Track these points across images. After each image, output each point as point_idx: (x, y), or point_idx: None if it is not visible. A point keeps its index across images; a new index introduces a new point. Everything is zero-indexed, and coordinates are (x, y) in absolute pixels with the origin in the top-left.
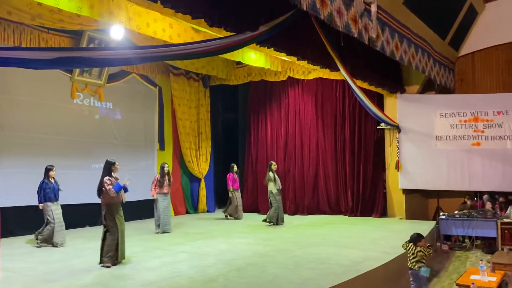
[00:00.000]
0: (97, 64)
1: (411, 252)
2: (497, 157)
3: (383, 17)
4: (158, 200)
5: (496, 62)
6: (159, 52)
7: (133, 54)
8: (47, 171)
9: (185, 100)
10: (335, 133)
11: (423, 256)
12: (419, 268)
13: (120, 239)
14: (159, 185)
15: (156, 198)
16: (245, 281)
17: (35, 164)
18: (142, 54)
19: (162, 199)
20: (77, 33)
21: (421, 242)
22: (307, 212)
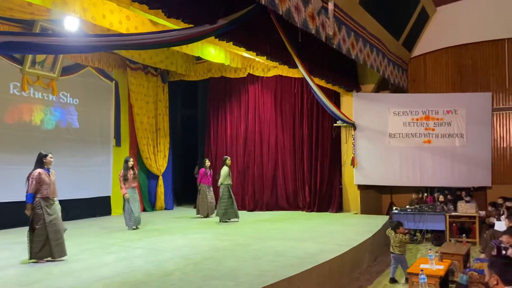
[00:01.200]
0: (48, 51)
1: (392, 238)
2: (446, 154)
3: (339, 15)
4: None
5: (446, 63)
6: (114, 41)
7: (87, 42)
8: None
9: (143, 95)
10: (293, 130)
11: (402, 242)
12: (399, 252)
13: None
14: (124, 179)
15: (127, 195)
16: (202, 274)
17: None
18: (96, 42)
19: (131, 193)
20: (28, 23)
21: (400, 229)
22: (266, 208)
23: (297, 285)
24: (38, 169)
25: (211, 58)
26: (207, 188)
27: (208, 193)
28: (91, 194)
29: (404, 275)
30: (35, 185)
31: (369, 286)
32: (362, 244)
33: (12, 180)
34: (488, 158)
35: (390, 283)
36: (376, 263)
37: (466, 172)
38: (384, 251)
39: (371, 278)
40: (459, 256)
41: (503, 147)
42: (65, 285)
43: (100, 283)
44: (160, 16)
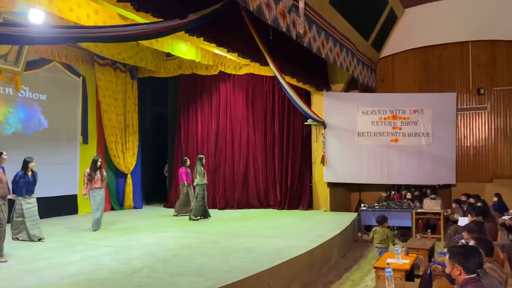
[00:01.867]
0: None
1: (377, 233)
2: (413, 152)
3: (310, 14)
4: (90, 196)
5: (413, 64)
6: (81, 33)
7: (54, 33)
8: (27, 163)
9: (111, 92)
10: (265, 128)
11: (385, 235)
12: (384, 245)
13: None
14: (89, 179)
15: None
16: (170, 271)
17: None
18: (63, 34)
19: (95, 194)
20: None
21: (385, 224)
22: (237, 206)
23: (266, 280)
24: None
25: (182, 55)
26: (188, 187)
27: (190, 192)
28: (56, 192)
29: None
30: None
31: (337, 282)
32: (330, 240)
33: None
34: (453, 156)
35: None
36: (345, 259)
37: (431, 170)
38: (353, 247)
39: (340, 273)
40: (424, 251)
41: (466, 146)
42: (28, 284)
43: (65, 281)
44: (129, 10)
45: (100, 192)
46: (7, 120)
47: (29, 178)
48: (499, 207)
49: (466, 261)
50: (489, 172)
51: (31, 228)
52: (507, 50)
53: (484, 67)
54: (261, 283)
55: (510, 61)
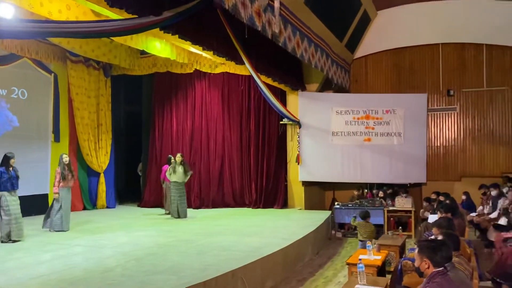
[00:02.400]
0: None
1: (360, 226)
2: (385, 152)
3: (285, 14)
4: (61, 195)
5: (386, 65)
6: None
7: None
8: (8, 159)
9: (84, 89)
10: (240, 127)
11: (368, 228)
12: (367, 238)
13: None
14: (62, 178)
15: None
16: (145, 269)
17: None
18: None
19: (66, 194)
20: None
21: (368, 218)
22: (212, 205)
23: (240, 278)
24: None
25: (157, 52)
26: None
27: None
28: (27, 191)
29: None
30: None
31: (311, 278)
32: (304, 237)
33: None
34: (424, 156)
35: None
36: (319, 256)
37: (403, 169)
38: (327, 244)
39: (313, 270)
40: (395, 247)
41: (437, 145)
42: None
43: (35, 281)
44: (102, 5)
45: (70, 191)
46: None
47: (12, 173)
48: (467, 205)
49: (434, 255)
50: (458, 171)
51: (12, 228)
52: (476, 53)
53: (454, 69)
54: (235, 281)
55: (478, 64)
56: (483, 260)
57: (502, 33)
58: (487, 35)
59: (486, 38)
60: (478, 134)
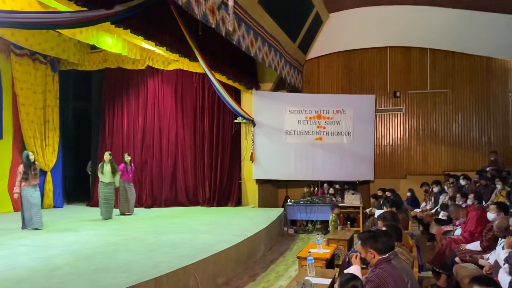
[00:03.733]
0: None
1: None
2: (335, 150)
3: (239, 12)
4: (26, 195)
5: (336, 67)
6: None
7: None
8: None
9: (29, 84)
10: (194, 125)
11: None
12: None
13: None
14: (25, 177)
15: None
16: (94, 268)
17: None
18: None
19: (31, 192)
20: None
21: (335, 210)
22: (165, 204)
23: (192, 274)
24: None
25: (107, 48)
26: (127, 184)
27: (129, 189)
28: None
29: None
30: None
31: (263, 274)
32: (257, 234)
33: None
34: (371, 154)
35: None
36: (271, 252)
37: (352, 167)
38: (279, 241)
39: (266, 266)
40: (344, 241)
41: (384, 145)
42: None
43: None
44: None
45: (38, 188)
46: None
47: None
48: (412, 202)
49: (376, 243)
50: (404, 169)
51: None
52: (420, 56)
53: (400, 71)
54: (187, 277)
55: (423, 67)
56: (425, 253)
57: (445, 38)
58: (431, 40)
59: (429, 43)
60: (422, 134)
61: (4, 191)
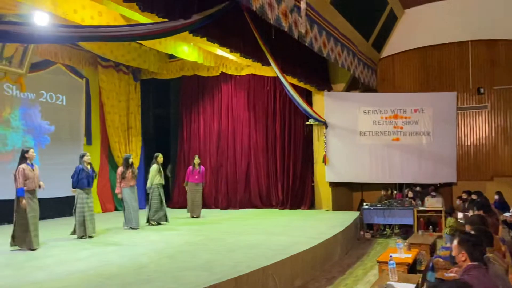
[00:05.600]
0: (23, 40)
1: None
2: (414, 151)
3: (311, 14)
4: (124, 195)
5: (413, 64)
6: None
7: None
8: (81, 157)
9: (114, 93)
10: (266, 128)
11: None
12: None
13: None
14: (122, 177)
15: (120, 194)
16: (177, 266)
17: None
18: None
19: (129, 193)
20: None
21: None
22: (239, 206)
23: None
24: (22, 164)
25: (184, 56)
26: (194, 186)
27: (196, 192)
28: (60, 193)
29: None
30: (21, 180)
31: (340, 277)
32: (333, 237)
33: None
34: (453, 155)
35: None
36: (347, 256)
37: (432, 168)
38: (355, 245)
39: (343, 269)
40: (426, 246)
41: (467, 144)
42: (38, 280)
43: (73, 276)
44: (134, 10)
45: (135, 189)
46: (11, 120)
47: (89, 170)
48: (500, 205)
49: (474, 249)
50: (490, 171)
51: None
52: (507, 49)
53: (484, 66)
54: (266, 277)
55: (510, 61)
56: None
57: None
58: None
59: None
60: (511, 132)
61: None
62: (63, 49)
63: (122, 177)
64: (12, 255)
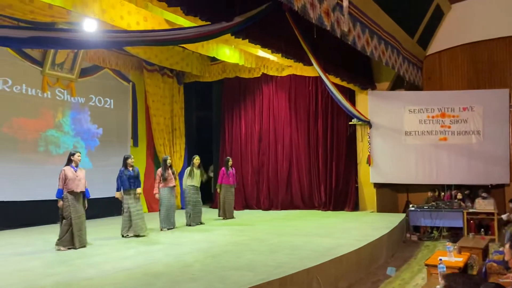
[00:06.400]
0: (74, 46)
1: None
2: (463, 151)
3: (354, 12)
4: (164, 195)
5: (461, 60)
6: (132, 37)
7: (107, 38)
8: (125, 160)
9: (159, 97)
10: (308, 129)
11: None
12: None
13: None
14: (163, 179)
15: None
16: (221, 266)
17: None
18: (115, 38)
19: (167, 194)
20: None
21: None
22: (281, 207)
23: (315, 276)
24: (65, 166)
25: (226, 59)
26: (229, 188)
27: (231, 193)
28: (109, 193)
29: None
30: (61, 181)
31: (386, 280)
32: (379, 239)
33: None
34: (506, 155)
35: None
36: (394, 259)
37: (483, 169)
38: (402, 247)
39: None
40: (478, 250)
41: None
42: (88, 276)
43: (121, 274)
44: (178, 14)
45: (174, 190)
46: (63, 124)
47: (131, 172)
48: None
49: None
50: None
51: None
52: None
53: None
54: (310, 279)
55: None
56: None
57: None
58: None
59: None
60: None
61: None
62: (111, 54)
63: (163, 178)
64: (64, 253)
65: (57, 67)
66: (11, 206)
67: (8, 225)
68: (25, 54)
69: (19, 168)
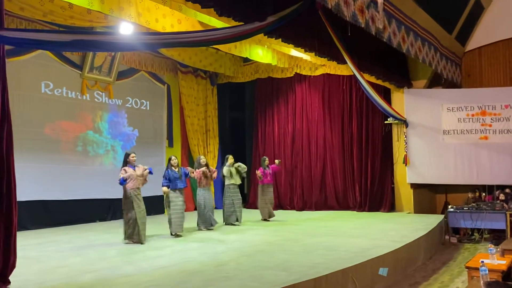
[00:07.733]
0: (113, 48)
1: None
2: (505, 150)
3: (389, 9)
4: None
5: (503, 56)
6: (168, 39)
7: (143, 40)
8: (169, 160)
9: (193, 98)
10: (342, 128)
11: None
12: None
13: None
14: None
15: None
16: (256, 265)
17: (44, 159)
18: (151, 40)
19: (203, 194)
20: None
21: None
22: (315, 208)
23: (350, 277)
24: (124, 167)
25: (259, 59)
26: (267, 187)
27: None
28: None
29: None
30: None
31: (424, 283)
32: (416, 241)
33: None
34: None
35: None
36: (432, 261)
37: None
38: (440, 249)
39: (427, 275)
40: None
41: None
42: (127, 273)
43: (158, 271)
44: (212, 15)
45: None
46: (102, 126)
47: (175, 173)
48: None
49: None
50: None
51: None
52: None
53: None
54: (345, 280)
55: None
56: None
57: None
58: None
59: None
60: None
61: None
62: (146, 57)
63: (205, 176)
64: (104, 251)
65: (96, 70)
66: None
67: (51, 223)
68: (65, 58)
69: (62, 168)
